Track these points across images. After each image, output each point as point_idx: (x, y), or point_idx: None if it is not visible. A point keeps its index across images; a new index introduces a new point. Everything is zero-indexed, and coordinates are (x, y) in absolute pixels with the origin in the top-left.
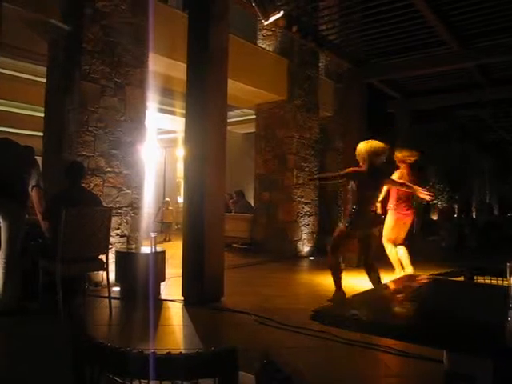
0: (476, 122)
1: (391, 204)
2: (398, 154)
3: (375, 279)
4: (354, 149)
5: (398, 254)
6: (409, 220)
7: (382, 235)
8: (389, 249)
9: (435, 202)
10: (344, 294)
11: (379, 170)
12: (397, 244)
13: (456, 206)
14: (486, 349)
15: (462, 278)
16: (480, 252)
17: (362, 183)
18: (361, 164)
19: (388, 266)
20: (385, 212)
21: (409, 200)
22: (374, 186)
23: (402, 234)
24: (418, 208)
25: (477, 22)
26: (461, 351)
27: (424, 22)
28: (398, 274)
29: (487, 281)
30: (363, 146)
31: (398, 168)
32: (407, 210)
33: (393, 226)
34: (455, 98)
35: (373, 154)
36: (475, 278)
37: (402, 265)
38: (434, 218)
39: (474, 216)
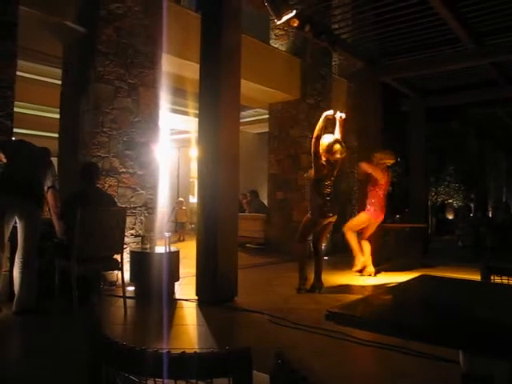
0: (492, 120)
1: (368, 204)
2: (377, 155)
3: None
4: (369, 147)
5: (364, 249)
6: (380, 220)
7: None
8: (350, 236)
9: (451, 201)
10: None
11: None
12: (363, 239)
13: (472, 205)
14: (504, 350)
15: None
16: (497, 251)
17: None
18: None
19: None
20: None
21: (384, 202)
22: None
23: (370, 231)
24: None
25: (491, 18)
26: (478, 352)
27: (438, 19)
28: (358, 259)
29: (504, 281)
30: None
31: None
32: (381, 212)
33: (362, 222)
34: (471, 96)
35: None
36: (492, 277)
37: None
38: (450, 217)
39: (490, 215)
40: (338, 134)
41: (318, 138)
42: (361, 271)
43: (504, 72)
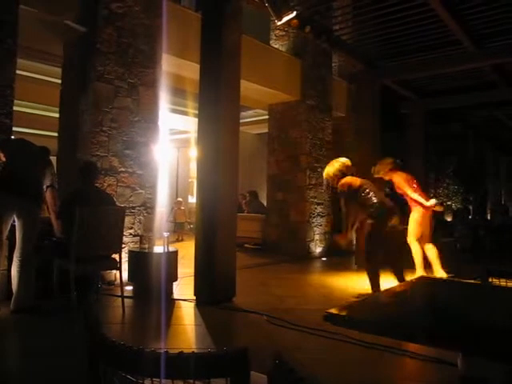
0: (491, 122)
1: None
2: (378, 167)
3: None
4: (368, 149)
5: (429, 254)
6: (430, 211)
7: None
8: (414, 248)
9: (449, 203)
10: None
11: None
12: (425, 242)
13: (471, 208)
14: (502, 353)
15: (477, 280)
16: (495, 254)
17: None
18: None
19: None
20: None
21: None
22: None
23: (426, 230)
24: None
25: (492, 21)
26: (476, 355)
27: (438, 21)
28: (418, 273)
29: (503, 283)
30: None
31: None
32: (426, 199)
33: (419, 221)
34: (470, 99)
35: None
36: (491, 279)
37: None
38: (449, 219)
39: (488, 217)
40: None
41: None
42: None
43: (504, 74)
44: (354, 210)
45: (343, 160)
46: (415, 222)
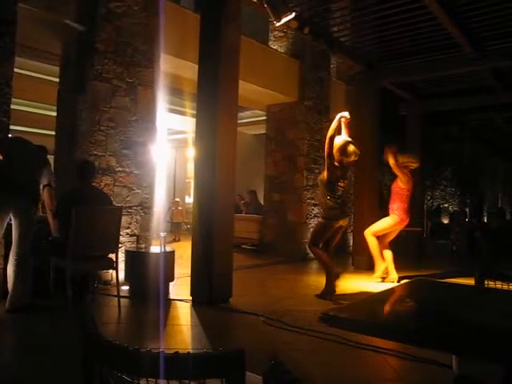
0: (489, 126)
1: (395, 208)
2: (400, 159)
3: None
4: (366, 151)
5: (386, 256)
6: (405, 224)
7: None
8: (371, 240)
9: (446, 205)
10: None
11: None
12: (384, 246)
13: (467, 210)
14: (496, 354)
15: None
16: (491, 256)
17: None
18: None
19: None
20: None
21: (409, 206)
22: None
23: (392, 237)
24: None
25: (491, 24)
26: (470, 356)
27: (437, 24)
28: (379, 265)
29: (498, 285)
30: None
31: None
32: (407, 217)
33: (389, 227)
34: (467, 102)
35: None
36: (486, 282)
37: (383, 261)
38: (445, 221)
39: (485, 220)
40: (345, 136)
41: (332, 138)
42: (383, 278)
43: (501, 78)
44: None
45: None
46: (387, 224)
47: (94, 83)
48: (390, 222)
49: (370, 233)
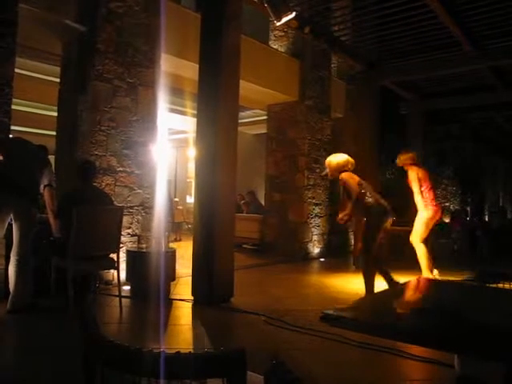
0: (489, 124)
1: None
2: (401, 157)
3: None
4: (367, 150)
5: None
6: (440, 216)
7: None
8: (420, 248)
9: (447, 204)
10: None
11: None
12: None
13: (468, 209)
14: (499, 354)
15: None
16: (492, 255)
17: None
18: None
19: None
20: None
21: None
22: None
23: (428, 232)
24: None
25: (491, 23)
26: (473, 356)
27: (438, 23)
28: (425, 274)
29: (500, 285)
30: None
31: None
32: (437, 206)
33: (427, 222)
34: (468, 100)
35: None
36: (488, 281)
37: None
38: (446, 220)
39: (486, 219)
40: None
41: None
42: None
43: (502, 77)
44: (348, 204)
45: (348, 157)
46: (422, 222)
47: (94, 83)
48: (423, 217)
49: (416, 240)
